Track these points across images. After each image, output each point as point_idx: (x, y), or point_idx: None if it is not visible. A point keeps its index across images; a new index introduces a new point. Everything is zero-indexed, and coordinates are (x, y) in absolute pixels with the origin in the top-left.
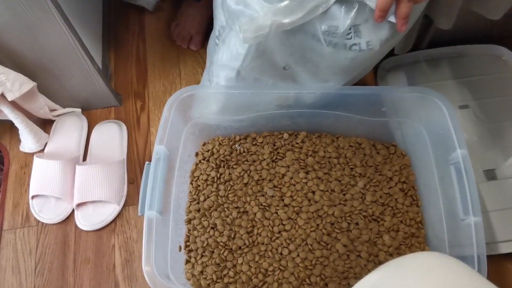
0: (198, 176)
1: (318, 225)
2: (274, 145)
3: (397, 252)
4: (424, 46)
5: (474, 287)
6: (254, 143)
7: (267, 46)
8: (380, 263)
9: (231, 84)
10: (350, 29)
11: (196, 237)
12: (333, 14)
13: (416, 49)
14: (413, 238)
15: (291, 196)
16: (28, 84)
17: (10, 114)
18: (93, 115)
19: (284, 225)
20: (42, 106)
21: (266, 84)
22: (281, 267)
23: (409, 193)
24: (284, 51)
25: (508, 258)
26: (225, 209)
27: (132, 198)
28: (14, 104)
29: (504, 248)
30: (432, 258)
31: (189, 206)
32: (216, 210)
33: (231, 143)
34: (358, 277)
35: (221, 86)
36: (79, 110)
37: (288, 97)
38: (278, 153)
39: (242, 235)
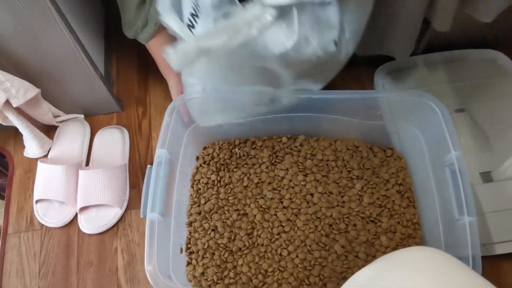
0: (199, 180)
1: (316, 226)
2: (273, 149)
3: None
4: (420, 51)
5: (464, 280)
6: (253, 146)
7: (220, 70)
8: None
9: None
10: (298, 42)
11: (197, 239)
12: (276, 33)
13: (413, 53)
14: (410, 239)
15: (290, 198)
16: (32, 91)
17: (15, 120)
18: (95, 121)
19: (283, 226)
20: (46, 112)
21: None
22: (280, 268)
23: (405, 195)
24: (236, 70)
25: (504, 258)
26: (225, 212)
27: (134, 202)
28: (18, 111)
29: (500, 249)
30: (424, 252)
31: (190, 209)
32: (216, 212)
33: (231, 147)
34: None
35: (221, 90)
36: (82, 116)
37: (263, 95)
38: (277, 156)
39: (242, 236)
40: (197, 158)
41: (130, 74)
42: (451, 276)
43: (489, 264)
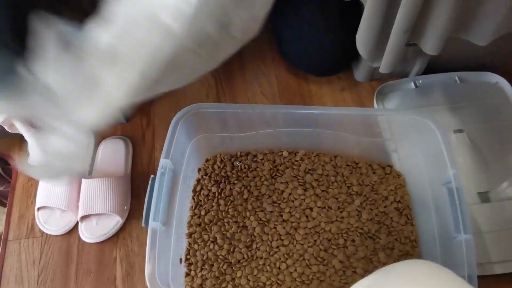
0: (200, 191)
1: (315, 241)
2: (274, 162)
3: None
4: (420, 72)
5: None
6: (254, 160)
7: None
8: None
9: None
10: None
11: (196, 250)
12: None
13: (415, 74)
14: (408, 256)
15: (290, 212)
16: None
17: (21, 128)
18: (100, 131)
19: (282, 240)
20: None
21: None
22: (278, 281)
23: (404, 212)
24: None
25: (502, 278)
26: (225, 224)
27: (135, 212)
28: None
29: (498, 269)
30: (421, 265)
31: (190, 220)
32: (216, 224)
33: (232, 159)
34: None
35: (224, 105)
36: None
37: None
38: (277, 170)
39: (241, 249)
40: (199, 170)
41: None
42: (442, 285)
43: (487, 284)
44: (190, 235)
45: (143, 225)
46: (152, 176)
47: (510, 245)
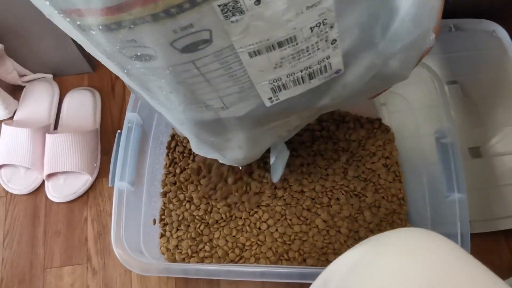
0: (175, 148)
1: (298, 199)
2: None
3: (377, 228)
4: None
5: (463, 266)
6: None
7: None
8: (360, 239)
9: None
10: None
11: (171, 210)
12: None
13: None
14: (395, 214)
15: None
16: None
17: None
18: (65, 82)
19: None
20: (10, 70)
21: None
22: (258, 242)
23: (392, 169)
24: None
25: (488, 237)
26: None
27: (106, 170)
28: None
29: (483, 227)
30: (418, 234)
31: (165, 179)
32: (192, 183)
33: None
34: (337, 253)
35: None
36: (50, 76)
37: None
38: None
39: (219, 209)
40: None
41: None
42: (448, 261)
43: (473, 243)
44: (164, 194)
45: (109, 185)
46: (118, 131)
47: (493, 204)
